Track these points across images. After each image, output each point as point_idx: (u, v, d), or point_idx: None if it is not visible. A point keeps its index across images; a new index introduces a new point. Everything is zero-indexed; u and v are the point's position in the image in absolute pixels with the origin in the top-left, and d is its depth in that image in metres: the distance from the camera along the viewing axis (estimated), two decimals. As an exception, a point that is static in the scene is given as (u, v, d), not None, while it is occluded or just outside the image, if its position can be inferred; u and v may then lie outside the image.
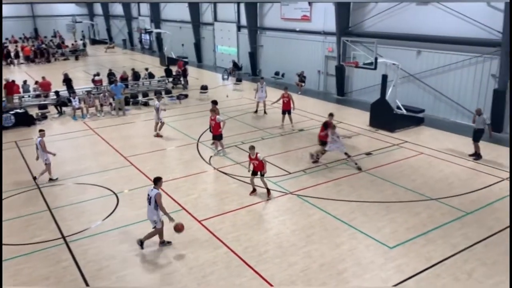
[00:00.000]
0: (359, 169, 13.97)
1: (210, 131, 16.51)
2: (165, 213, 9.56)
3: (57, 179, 13.62)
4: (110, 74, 27.35)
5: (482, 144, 15.04)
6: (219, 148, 15.91)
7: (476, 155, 14.81)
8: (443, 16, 19.08)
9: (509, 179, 12.57)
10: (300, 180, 13.38)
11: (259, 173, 12.25)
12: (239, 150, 16.08)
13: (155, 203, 9.42)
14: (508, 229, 10.37)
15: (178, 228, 9.64)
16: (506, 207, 11.44)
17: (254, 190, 12.51)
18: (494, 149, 15.66)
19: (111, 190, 12.86)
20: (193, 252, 9.64)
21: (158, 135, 17.89)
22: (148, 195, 9.59)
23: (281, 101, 18.74)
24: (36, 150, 13.49)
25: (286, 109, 18.62)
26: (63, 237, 10.34)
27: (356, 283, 8.52)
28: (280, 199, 12.21)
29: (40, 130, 13.67)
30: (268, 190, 12.32)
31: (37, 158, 13.49)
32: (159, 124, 18.02)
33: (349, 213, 11.28)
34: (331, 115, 15.11)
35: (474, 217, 11.02)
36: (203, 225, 10.80)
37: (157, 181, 9.73)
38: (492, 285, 8.38)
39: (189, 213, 11.39)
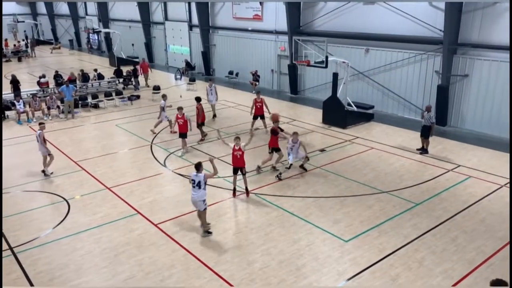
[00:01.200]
0: (304, 169, 14.03)
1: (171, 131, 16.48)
2: (216, 172, 10.19)
3: (52, 173, 13.90)
4: (57, 76, 26.25)
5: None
6: (185, 147, 15.87)
7: (423, 150, 15.47)
8: (389, 15, 19.79)
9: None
10: (257, 179, 13.45)
11: (240, 170, 12.15)
12: (195, 151, 15.93)
13: (205, 184, 9.86)
14: (455, 217, 10.95)
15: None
16: (452, 197, 12.06)
17: (235, 191, 12.34)
18: (439, 142, 16.45)
19: (61, 197, 12.37)
20: (150, 257, 9.46)
21: (153, 132, 18.05)
22: (194, 180, 9.87)
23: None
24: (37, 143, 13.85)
25: (259, 114, 17.99)
26: (11, 248, 9.82)
27: (314, 277, 8.69)
28: (237, 198, 12.21)
29: (40, 123, 14.21)
30: (247, 191, 12.29)
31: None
32: (159, 122, 18.15)
33: (305, 209, 11.48)
34: (276, 121, 14.79)
35: (423, 207, 11.53)
36: (159, 228, 10.62)
37: (199, 166, 10.04)
38: (441, 272, 8.81)
39: (145, 217, 11.17)
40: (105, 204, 11.91)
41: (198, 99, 17.48)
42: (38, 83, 25.16)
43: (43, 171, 13.97)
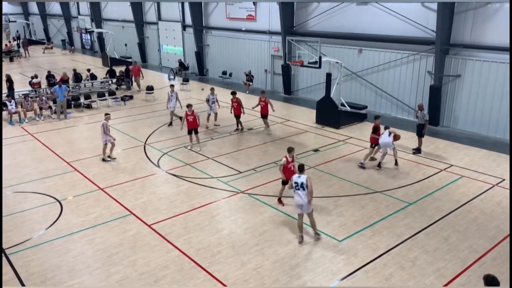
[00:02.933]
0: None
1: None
2: (311, 197, 9.72)
3: (114, 159, 15.06)
4: (49, 76, 26.06)
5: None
6: (195, 142, 16.05)
7: (416, 149, 15.54)
8: (382, 16, 19.88)
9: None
10: (251, 179, 13.45)
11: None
12: (188, 152, 15.90)
13: (307, 187, 9.58)
14: (447, 216, 11.02)
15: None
16: (445, 196, 12.13)
17: (280, 199, 11.85)
18: (432, 142, 16.55)
19: (54, 198, 12.29)
20: (144, 257, 9.42)
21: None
22: (297, 183, 9.65)
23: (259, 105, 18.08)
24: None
25: (264, 113, 17.99)
26: (2, 250, 9.74)
27: (308, 277, 8.71)
28: (231, 198, 12.21)
29: (106, 114, 15.34)
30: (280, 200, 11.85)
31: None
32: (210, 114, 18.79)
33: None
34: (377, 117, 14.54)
35: (416, 207, 11.59)
36: (153, 229, 10.59)
37: (303, 168, 9.89)
38: (434, 271, 8.86)
39: (138, 218, 11.13)
40: (98, 205, 11.85)
41: (234, 93, 18.21)
42: (30, 83, 24.98)
43: (103, 159, 14.97)
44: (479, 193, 12.31)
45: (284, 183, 11.48)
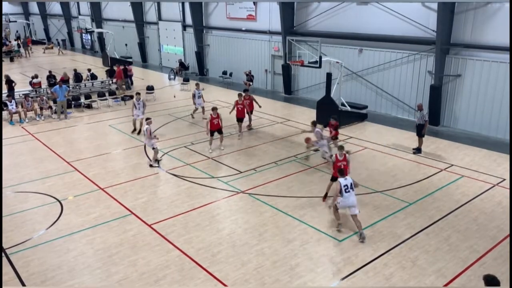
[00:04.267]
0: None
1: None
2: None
3: (160, 160, 14.82)
4: (50, 77, 26.04)
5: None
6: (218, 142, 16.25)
7: (417, 149, 15.54)
8: (382, 16, 19.88)
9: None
10: (251, 179, 13.45)
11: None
12: (189, 151, 15.91)
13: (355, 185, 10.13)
14: (447, 216, 11.02)
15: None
16: (445, 196, 12.13)
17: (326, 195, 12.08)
18: (432, 142, 16.55)
19: (54, 198, 12.29)
20: (144, 257, 9.43)
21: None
22: (347, 185, 9.94)
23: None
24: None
25: (241, 117, 17.74)
26: (3, 250, 9.74)
27: (309, 277, 8.70)
28: (231, 198, 12.21)
29: (147, 119, 14.85)
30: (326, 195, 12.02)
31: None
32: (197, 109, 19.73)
33: (300, 209, 11.49)
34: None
35: (416, 207, 11.58)
36: (153, 229, 10.59)
37: (343, 171, 10.36)
38: (434, 271, 8.86)
39: (139, 218, 11.13)
40: (98, 205, 11.85)
41: (245, 90, 18.41)
42: (31, 83, 24.99)
43: (150, 165, 14.54)
44: (480, 193, 12.30)
45: (333, 179, 11.54)
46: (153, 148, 14.52)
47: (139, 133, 17.85)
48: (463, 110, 17.98)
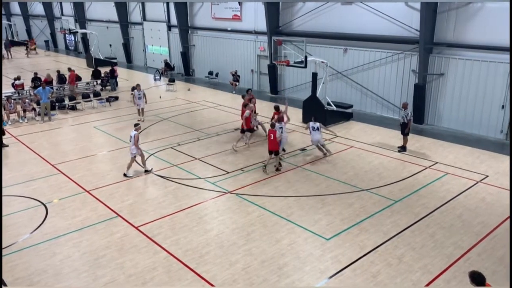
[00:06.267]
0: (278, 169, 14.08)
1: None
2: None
3: (151, 170, 14.11)
4: (35, 79, 25.57)
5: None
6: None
7: (402, 148, 15.72)
8: (366, 15, 20.05)
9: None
10: (239, 179, 13.45)
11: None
12: (176, 152, 15.84)
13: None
14: (433, 213, 11.17)
15: None
16: (430, 194, 12.29)
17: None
18: (417, 140, 16.75)
19: (39, 201, 12.13)
20: (132, 260, 9.36)
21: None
22: (314, 127, 11.60)
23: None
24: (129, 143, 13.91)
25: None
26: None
27: (297, 276, 8.74)
28: (219, 199, 12.19)
29: (136, 124, 14.17)
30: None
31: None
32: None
33: (287, 208, 11.53)
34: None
35: (402, 204, 11.71)
36: (140, 231, 10.52)
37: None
38: (420, 268, 8.97)
39: (125, 220, 11.04)
40: (84, 208, 11.73)
41: (276, 108, 16.17)
42: (13, 85, 24.59)
43: (146, 171, 14.04)
44: (464, 190, 12.50)
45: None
46: (134, 157, 13.80)
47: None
48: (447, 108, 18.24)
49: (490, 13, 16.25)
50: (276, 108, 15.89)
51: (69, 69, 26.31)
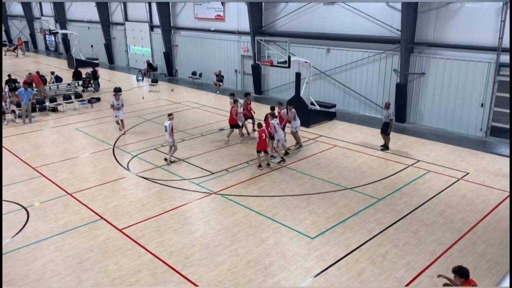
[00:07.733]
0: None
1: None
2: None
3: (174, 161, 14.66)
4: (10, 81, 25.05)
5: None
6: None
7: (384, 146, 15.90)
8: (348, 16, 20.21)
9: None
10: (223, 180, 13.42)
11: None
12: (159, 153, 15.72)
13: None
14: (415, 211, 11.33)
15: None
16: (412, 191, 12.46)
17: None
18: (399, 139, 16.96)
19: (19, 204, 11.90)
20: (116, 263, 9.26)
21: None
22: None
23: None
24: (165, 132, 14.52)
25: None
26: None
27: (283, 275, 8.77)
28: (204, 199, 12.15)
29: (169, 114, 14.77)
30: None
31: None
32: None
33: (272, 208, 11.56)
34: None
35: (385, 202, 11.85)
36: (124, 233, 10.41)
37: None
38: (404, 264, 9.09)
39: (109, 222, 10.92)
40: (66, 211, 11.55)
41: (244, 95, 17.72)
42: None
43: (165, 159, 14.63)
44: (445, 187, 12.70)
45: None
46: (173, 145, 14.58)
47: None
48: (428, 107, 18.52)
49: (469, 13, 16.56)
50: (272, 109, 15.93)
51: (30, 74, 24.69)
